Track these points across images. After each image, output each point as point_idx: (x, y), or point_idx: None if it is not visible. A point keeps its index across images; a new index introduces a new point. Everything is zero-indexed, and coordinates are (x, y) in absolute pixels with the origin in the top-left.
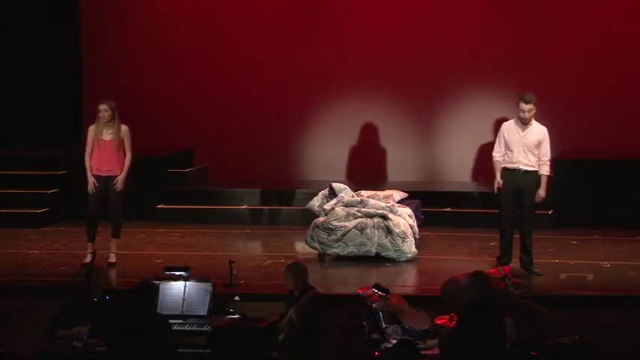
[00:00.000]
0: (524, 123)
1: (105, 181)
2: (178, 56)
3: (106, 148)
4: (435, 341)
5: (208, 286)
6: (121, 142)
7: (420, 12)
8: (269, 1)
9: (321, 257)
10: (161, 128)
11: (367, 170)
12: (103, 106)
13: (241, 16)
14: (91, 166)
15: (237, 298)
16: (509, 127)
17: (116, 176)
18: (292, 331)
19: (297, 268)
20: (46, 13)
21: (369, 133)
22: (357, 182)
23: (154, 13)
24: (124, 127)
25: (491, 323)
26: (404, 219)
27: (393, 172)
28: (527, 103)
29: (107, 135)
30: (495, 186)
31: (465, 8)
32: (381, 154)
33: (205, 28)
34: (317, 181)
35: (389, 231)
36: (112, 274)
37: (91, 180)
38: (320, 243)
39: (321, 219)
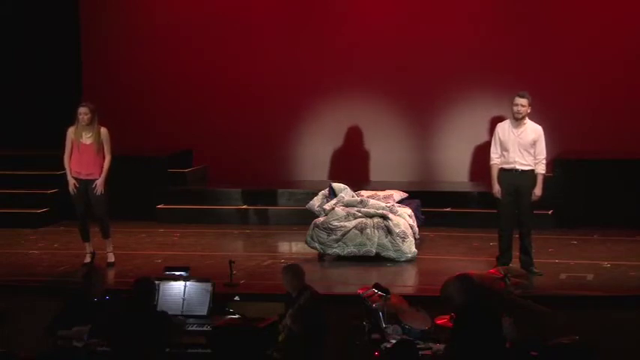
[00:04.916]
0: (516, 118)
1: (85, 184)
2: (178, 56)
3: (86, 152)
4: (435, 343)
5: (208, 286)
6: (100, 145)
7: (417, 12)
8: (268, 3)
9: (321, 257)
10: (161, 128)
11: (367, 170)
12: (83, 109)
13: (241, 17)
14: (70, 168)
15: (237, 298)
16: (503, 128)
17: (95, 179)
18: (290, 334)
19: (293, 270)
20: (46, 13)
21: (369, 134)
22: (356, 182)
23: (154, 13)
24: (103, 130)
25: (488, 324)
26: (404, 219)
27: (392, 172)
28: (521, 97)
29: (87, 138)
30: (494, 194)
31: (462, 8)
32: (381, 154)
33: (205, 29)
34: (317, 181)
35: (389, 231)
36: (112, 273)
37: (71, 182)
38: (320, 243)
39: (321, 219)
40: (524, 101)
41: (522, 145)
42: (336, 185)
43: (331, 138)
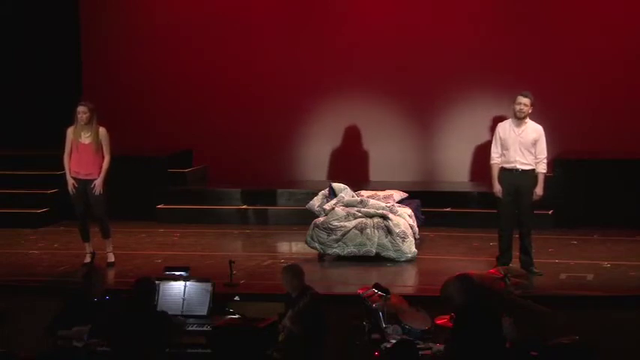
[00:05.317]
0: (518, 117)
1: (84, 184)
2: (178, 56)
3: (85, 152)
4: (435, 343)
5: (208, 286)
6: (99, 145)
7: (417, 12)
8: (268, 3)
9: (321, 257)
10: (161, 128)
11: (367, 170)
12: (81, 108)
13: (241, 17)
14: (69, 168)
15: (237, 298)
16: (504, 127)
17: (94, 179)
18: (290, 334)
19: (293, 271)
20: (46, 13)
21: (369, 134)
22: (356, 182)
23: (154, 13)
24: (102, 130)
25: (488, 324)
26: (404, 219)
27: (392, 172)
28: (525, 97)
29: (85, 138)
30: (495, 193)
31: (462, 8)
32: (381, 154)
33: (205, 29)
34: (317, 181)
35: (389, 231)
36: (112, 273)
37: (70, 181)
38: (320, 243)
39: (321, 219)
40: (527, 101)
41: (523, 144)
42: (336, 185)
43: (331, 138)
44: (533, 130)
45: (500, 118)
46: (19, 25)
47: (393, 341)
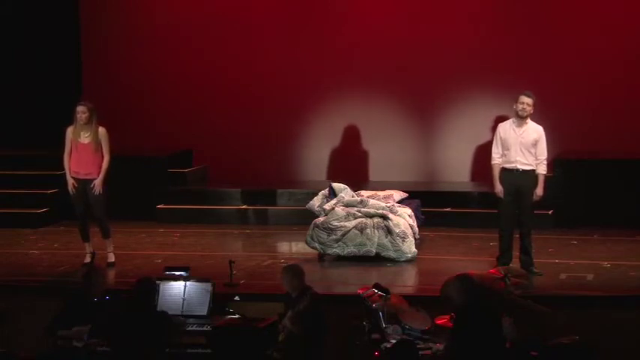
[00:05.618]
0: (521, 117)
1: (84, 184)
2: (178, 56)
3: (84, 151)
4: (435, 343)
5: (208, 286)
6: (98, 144)
7: (417, 12)
8: (268, 3)
9: (321, 257)
10: (161, 128)
11: (367, 170)
12: (81, 108)
13: (241, 17)
14: (69, 168)
15: (237, 298)
16: (505, 127)
17: (94, 179)
18: (290, 334)
19: (293, 271)
20: (46, 13)
21: (369, 134)
22: (356, 182)
23: (154, 13)
24: (101, 130)
25: (488, 324)
26: (404, 219)
27: (392, 172)
28: (527, 97)
29: (85, 138)
30: (497, 193)
31: (462, 8)
32: (381, 154)
33: (205, 29)
34: (316, 181)
35: (389, 231)
36: (112, 273)
37: (70, 181)
38: (320, 243)
39: (321, 219)
40: (529, 100)
41: (524, 144)
42: (336, 185)
43: (331, 138)
44: (534, 130)
45: (501, 118)
46: (19, 25)
47: (393, 341)
